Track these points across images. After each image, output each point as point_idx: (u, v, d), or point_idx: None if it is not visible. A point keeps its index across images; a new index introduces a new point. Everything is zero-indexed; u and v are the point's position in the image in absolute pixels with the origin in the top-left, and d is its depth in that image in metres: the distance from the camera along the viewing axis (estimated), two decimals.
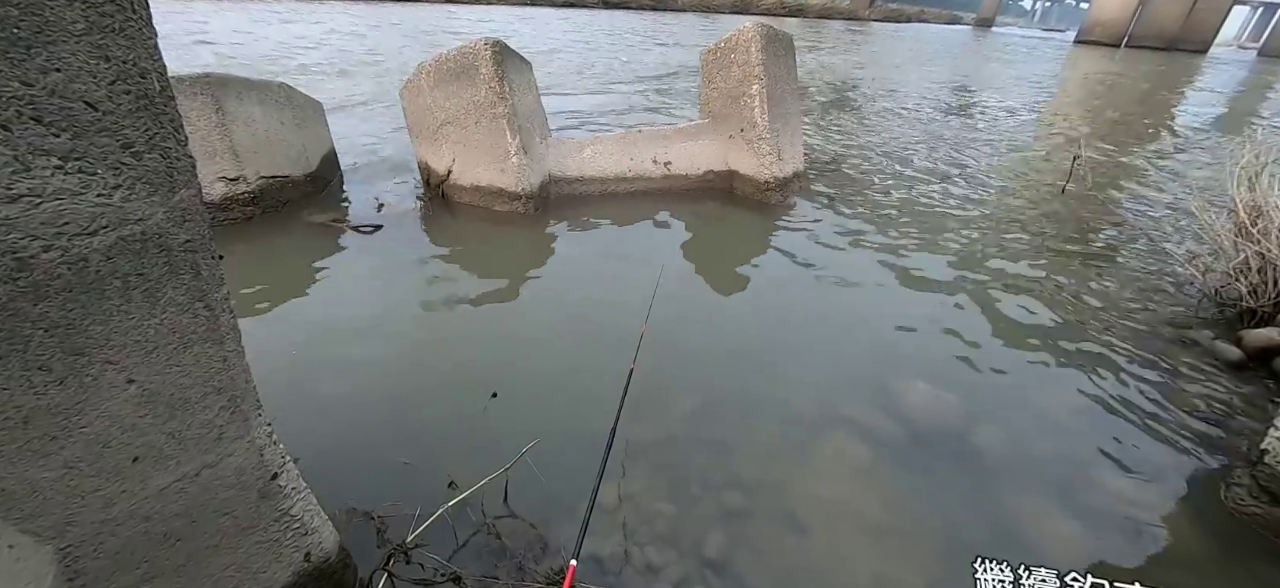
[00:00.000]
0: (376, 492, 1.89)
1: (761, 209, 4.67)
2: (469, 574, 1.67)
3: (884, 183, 5.57)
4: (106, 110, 0.85)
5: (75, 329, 0.90)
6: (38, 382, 0.89)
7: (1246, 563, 1.92)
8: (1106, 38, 31.37)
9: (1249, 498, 2.05)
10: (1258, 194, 3.36)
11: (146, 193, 0.92)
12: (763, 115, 4.57)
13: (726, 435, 2.31)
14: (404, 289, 3.29)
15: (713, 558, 1.82)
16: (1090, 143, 7.22)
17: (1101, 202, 5.37)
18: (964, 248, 4.21)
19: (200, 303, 1.04)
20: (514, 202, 4.21)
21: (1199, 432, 2.50)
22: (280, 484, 1.32)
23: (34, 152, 0.79)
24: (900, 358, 2.88)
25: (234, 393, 1.16)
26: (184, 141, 0.99)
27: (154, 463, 1.08)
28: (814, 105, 9.20)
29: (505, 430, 2.20)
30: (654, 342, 2.48)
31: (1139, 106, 11.78)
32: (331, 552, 1.49)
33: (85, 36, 0.80)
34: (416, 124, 4.44)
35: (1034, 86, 13.83)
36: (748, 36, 4.48)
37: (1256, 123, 10.55)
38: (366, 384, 2.47)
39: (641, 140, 4.87)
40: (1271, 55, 32.99)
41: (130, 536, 1.10)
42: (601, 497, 1.70)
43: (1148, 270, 4.02)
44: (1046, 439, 2.41)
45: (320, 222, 3.99)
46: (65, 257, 0.85)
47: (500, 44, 3.98)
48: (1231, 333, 3.18)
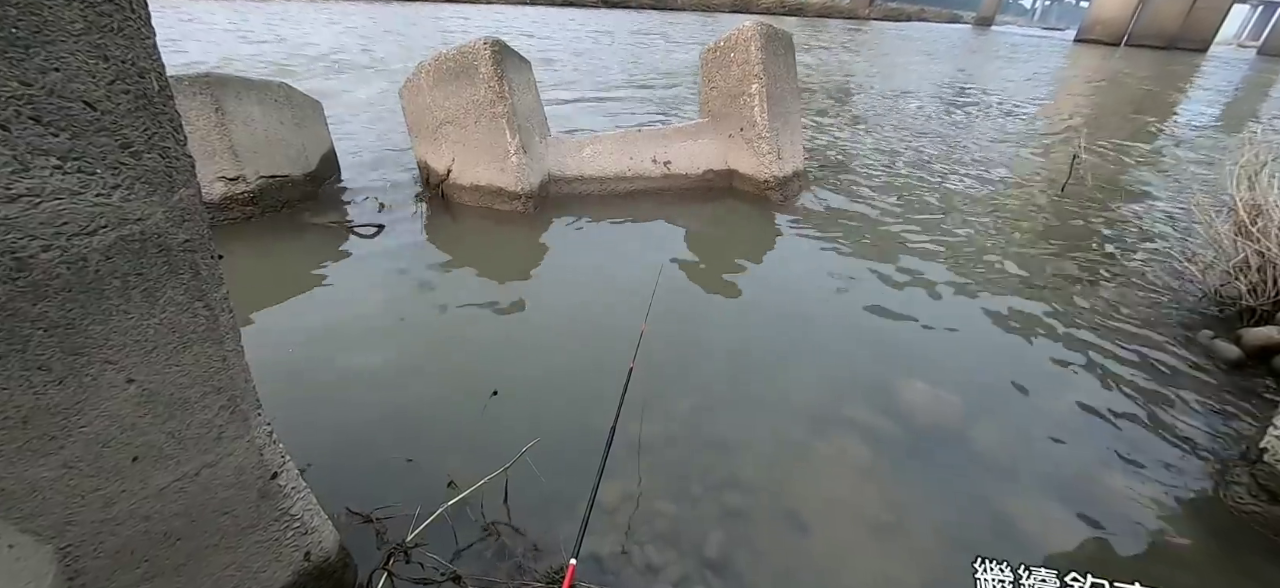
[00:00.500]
0: (376, 491, 1.89)
1: (762, 208, 4.67)
2: (469, 574, 1.67)
3: (884, 182, 5.57)
4: (105, 110, 0.85)
5: (74, 329, 0.90)
6: (37, 381, 0.89)
7: (1245, 561, 1.93)
8: (1106, 36, 31.37)
9: (1248, 497, 2.05)
10: (1257, 193, 3.36)
11: (145, 193, 0.92)
12: (762, 114, 4.57)
13: (726, 435, 2.31)
14: (403, 289, 3.29)
15: (713, 558, 1.82)
16: (1090, 142, 7.21)
17: (1101, 200, 5.37)
18: (963, 247, 4.21)
19: (199, 302, 1.04)
20: (514, 201, 4.20)
21: (1198, 430, 2.50)
22: (280, 484, 1.32)
23: (33, 151, 0.79)
24: (900, 357, 2.88)
25: (233, 392, 1.16)
26: (183, 141, 0.99)
27: (154, 462, 1.08)
28: (814, 104, 9.19)
29: (505, 430, 2.20)
30: (654, 341, 2.48)
31: (1139, 105, 11.78)
32: (331, 551, 1.50)
33: (84, 36, 0.80)
34: (416, 123, 4.44)
35: (1034, 85, 13.83)
36: (747, 35, 4.48)
37: (1256, 122, 10.55)
38: (366, 384, 2.47)
39: (641, 140, 4.87)
40: (1271, 54, 32.98)
41: (130, 535, 1.10)
42: (601, 496, 1.70)
43: (1147, 269, 4.02)
44: (1046, 438, 2.42)
45: (320, 222, 3.99)
46: (64, 256, 0.85)
47: (499, 43, 3.97)
48: (1231, 332, 3.18)
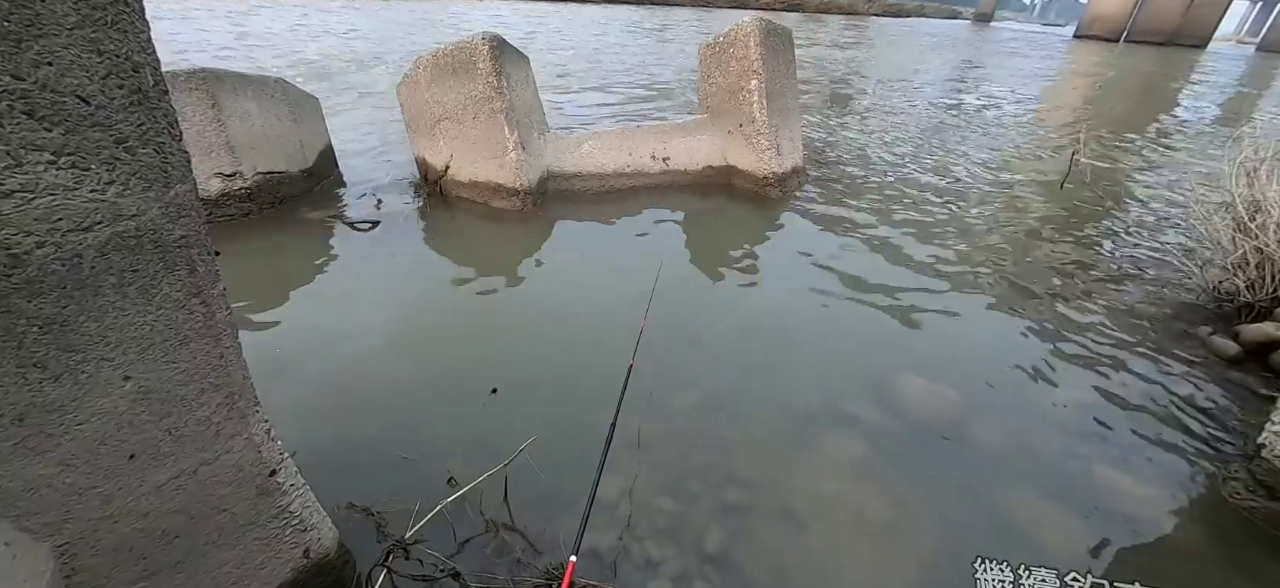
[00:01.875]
0: (375, 488, 1.89)
1: (760, 204, 4.66)
2: (468, 571, 1.67)
3: (882, 177, 5.57)
4: (99, 105, 0.84)
5: (70, 326, 0.89)
6: (33, 378, 0.88)
7: (1243, 556, 1.93)
8: (1106, 32, 31.34)
9: (1245, 492, 2.06)
10: (1256, 189, 3.36)
11: (141, 188, 0.92)
12: (761, 110, 4.56)
13: (726, 431, 2.31)
14: (402, 286, 3.28)
15: (712, 553, 1.83)
16: (1088, 139, 7.21)
17: (1099, 196, 5.37)
18: (962, 243, 4.21)
19: (196, 299, 1.04)
20: (512, 197, 4.19)
21: (1196, 426, 2.51)
22: (278, 481, 1.31)
23: (26, 146, 0.78)
24: (899, 353, 2.88)
25: (231, 389, 1.15)
26: (178, 136, 0.98)
27: (151, 460, 1.07)
28: (813, 100, 9.17)
29: (505, 426, 2.20)
30: (653, 337, 2.48)
31: (1138, 102, 11.78)
32: (331, 548, 1.49)
33: (77, 30, 0.80)
34: (413, 120, 4.42)
35: (1033, 81, 13.82)
36: (746, 31, 4.47)
37: (1255, 118, 10.55)
38: (365, 381, 2.47)
39: (640, 135, 4.86)
40: (1270, 50, 32.97)
41: (128, 532, 1.10)
42: (601, 492, 1.70)
43: (1145, 265, 4.02)
44: (1044, 434, 2.42)
45: (318, 218, 3.98)
46: (59, 253, 0.85)
47: (498, 38, 3.95)
48: (1229, 328, 3.18)
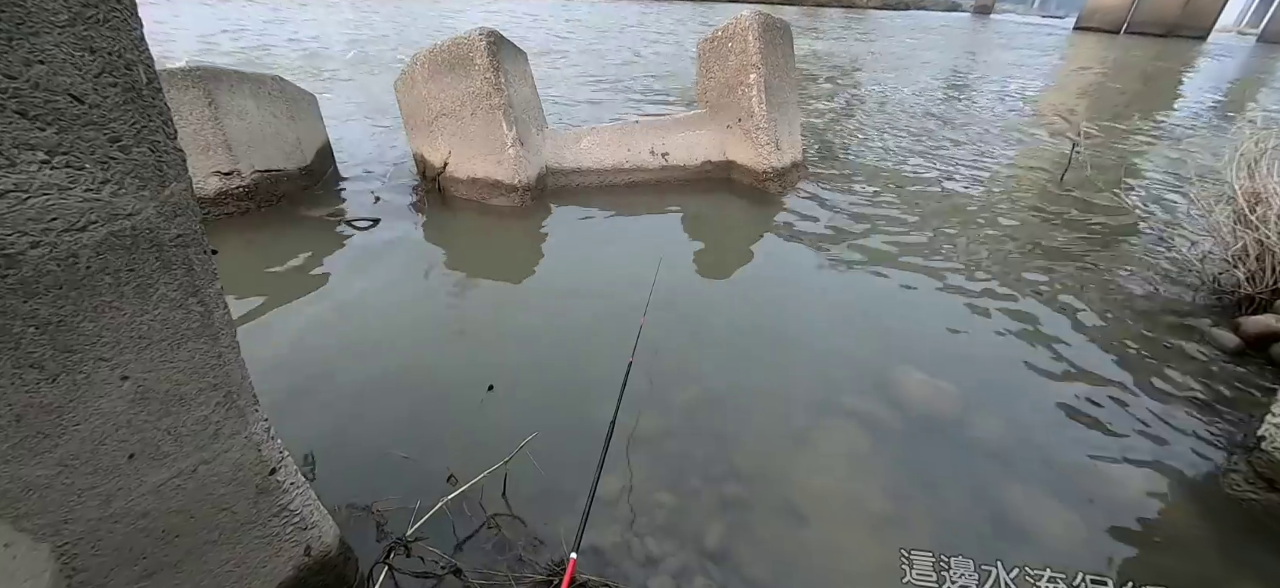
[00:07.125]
0: (375, 486, 1.89)
1: (760, 199, 4.65)
2: (469, 567, 1.67)
3: (882, 172, 5.55)
4: (93, 103, 0.83)
5: (66, 326, 0.89)
6: (30, 379, 0.88)
7: (1244, 548, 1.93)
8: (1106, 24, 31.18)
9: (1246, 484, 2.06)
10: (1257, 181, 3.35)
11: (136, 187, 0.91)
12: (760, 105, 4.54)
13: (726, 426, 2.31)
14: (400, 283, 3.27)
15: (713, 549, 1.83)
16: (1088, 131, 7.19)
17: (1099, 189, 5.35)
18: (962, 236, 4.20)
19: (193, 298, 1.03)
20: (510, 193, 4.18)
21: (1197, 418, 2.51)
22: (278, 479, 1.31)
23: (19, 146, 0.78)
24: (898, 347, 2.88)
25: (230, 388, 1.15)
26: (173, 135, 0.98)
27: (150, 459, 1.07)
28: (812, 94, 9.14)
29: (505, 424, 2.20)
30: (653, 333, 2.48)
31: (1138, 94, 11.74)
32: (332, 546, 1.50)
33: (69, 28, 0.79)
34: (411, 117, 4.41)
35: (1033, 74, 13.76)
36: (745, 25, 4.44)
37: (1256, 109, 10.52)
38: (364, 379, 2.47)
39: (639, 131, 4.84)
40: (1271, 41, 32.82)
41: (128, 532, 1.10)
42: (601, 489, 1.70)
43: (1146, 258, 4.01)
44: (1044, 427, 2.42)
45: (316, 216, 3.97)
46: (54, 253, 0.84)
47: (495, 34, 3.94)
48: (1229, 320, 3.18)
